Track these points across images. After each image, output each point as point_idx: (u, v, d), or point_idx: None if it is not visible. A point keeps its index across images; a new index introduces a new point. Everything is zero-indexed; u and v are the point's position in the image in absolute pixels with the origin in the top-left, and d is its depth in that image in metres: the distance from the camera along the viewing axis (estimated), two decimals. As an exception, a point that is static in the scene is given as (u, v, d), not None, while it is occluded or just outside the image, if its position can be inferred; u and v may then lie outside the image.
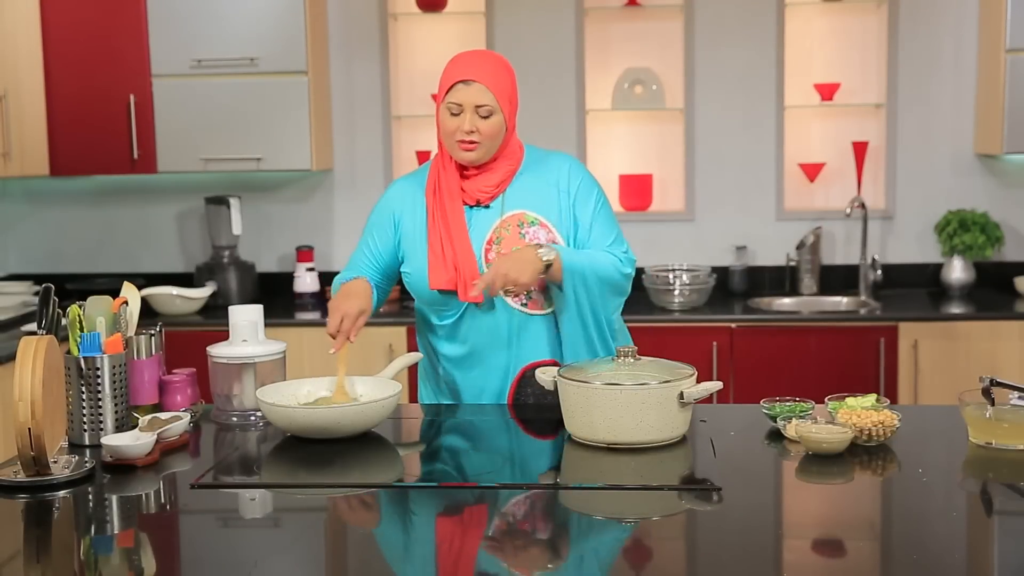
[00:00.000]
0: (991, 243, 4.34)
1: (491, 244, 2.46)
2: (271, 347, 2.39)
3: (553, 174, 2.53)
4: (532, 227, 2.47)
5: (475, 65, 2.43)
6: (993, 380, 2.12)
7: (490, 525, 1.83)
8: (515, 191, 2.50)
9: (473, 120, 2.40)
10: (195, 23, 4.30)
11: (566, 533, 1.79)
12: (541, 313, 2.48)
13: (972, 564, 1.64)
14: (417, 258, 2.50)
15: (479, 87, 2.40)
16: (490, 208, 2.49)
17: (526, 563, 1.66)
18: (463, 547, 1.74)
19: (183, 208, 4.78)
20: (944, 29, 4.46)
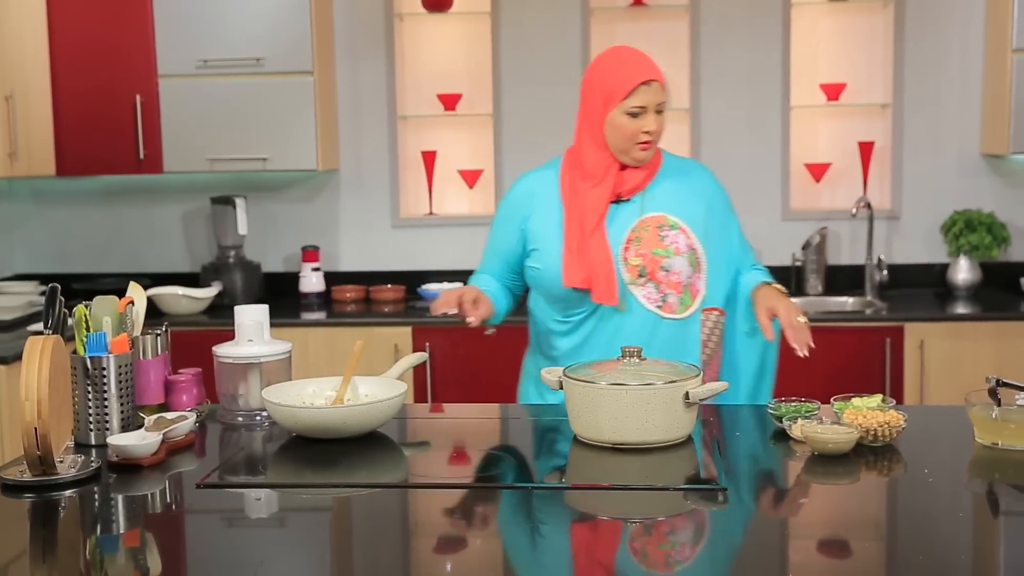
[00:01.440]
0: (997, 243, 4.33)
1: (630, 243, 2.45)
2: (277, 347, 2.39)
3: (696, 182, 2.54)
4: (672, 231, 2.46)
5: (648, 64, 2.44)
6: (999, 380, 2.12)
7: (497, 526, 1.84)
8: (656, 192, 2.49)
9: (654, 119, 2.43)
10: (201, 23, 4.31)
11: (570, 533, 1.79)
12: (673, 317, 2.46)
13: (978, 565, 1.63)
14: (548, 254, 2.47)
15: (657, 86, 2.42)
16: (630, 203, 2.48)
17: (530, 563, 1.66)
18: (468, 548, 1.74)
19: (189, 208, 4.79)
20: (950, 29, 4.45)
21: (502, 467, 2.13)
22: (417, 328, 4.16)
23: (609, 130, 2.44)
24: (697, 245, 2.47)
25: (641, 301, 2.44)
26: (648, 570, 1.64)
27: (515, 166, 4.64)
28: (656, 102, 2.41)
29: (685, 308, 2.46)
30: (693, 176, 2.56)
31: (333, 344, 4.15)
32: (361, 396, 2.34)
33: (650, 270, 2.43)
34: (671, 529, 1.79)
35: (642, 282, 2.43)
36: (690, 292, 2.47)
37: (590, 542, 1.77)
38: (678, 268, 2.44)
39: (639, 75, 2.40)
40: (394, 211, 4.70)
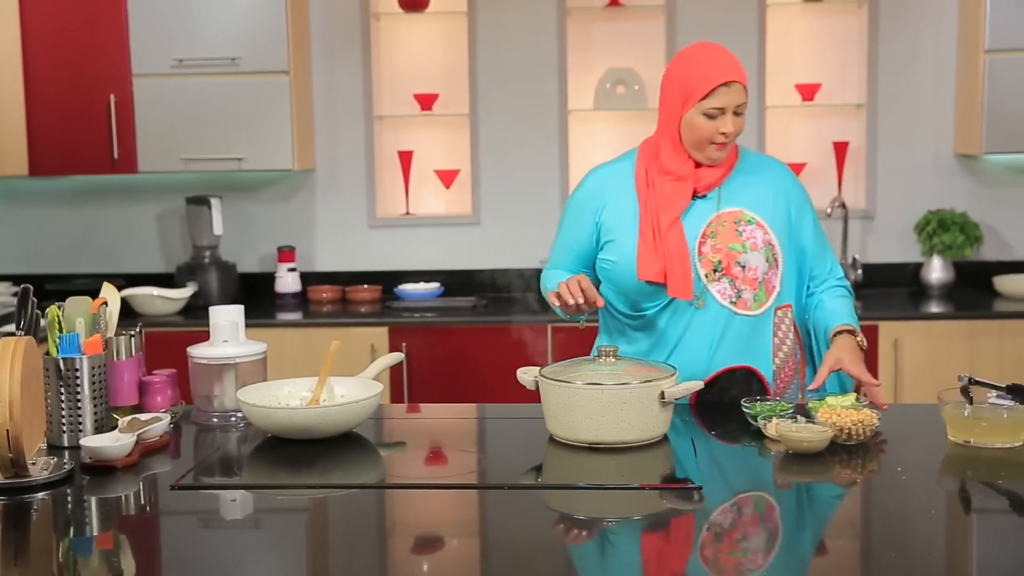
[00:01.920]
0: (970, 243, 4.37)
1: (705, 238, 2.40)
2: (252, 348, 2.38)
3: (772, 178, 2.49)
4: (749, 226, 2.42)
5: (730, 65, 2.37)
6: (971, 379, 2.14)
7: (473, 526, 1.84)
8: (732, 187, 2.45)
9: (734, 121, 2.36)
10: (176, 22, 4.29)
11: (547, 533, 1.79)
12: (747, 314, 2.41)
13: (951, 562, 1.65)
14: (624, 247, 2.42)
15: (738, 87, 2.36)
16: (706, 199, 2.44)
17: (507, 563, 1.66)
18: (445, 549, 1.74)
19: (164, 208, 4.76)
20: (924, 30, 4.48)
21: (478, 467, 2.13)
22: (393, 328, 4.16)
23: (686, 129, 2.39)
24: (774, 240, 2.43)
25: (715, 296, 2.39)
26: (622, 569, 1.64)
27: (492, 166, 4.64)
28: (736, 104, 2.35)
29: (760, 305, 2.41)
30: (770, 172, 2.50)
31: (309, 345, 4.13)
32: (337, 397, 2.34)
33: (726, 265, 2.38)
34: (646, 528, 1.80)
35: (717, 277, 2.39)
36: (765, 289, 2.42)
37: (566, 542, 1.77)
38: (754, 264, 2.39)
39: (719, 76, 2.34)
40: (370, 211, 4.69)
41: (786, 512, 1.87)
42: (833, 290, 2.52)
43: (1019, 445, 2.08)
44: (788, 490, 1.96)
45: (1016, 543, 1.67)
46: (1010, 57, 4.12)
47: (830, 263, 2.56)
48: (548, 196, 4.63)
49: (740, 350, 2.41)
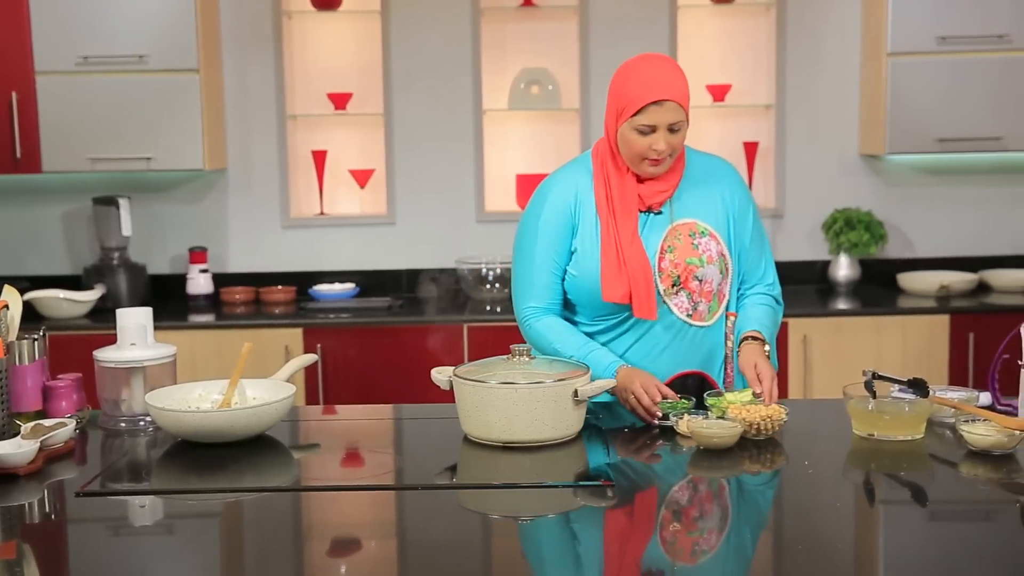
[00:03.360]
0: (875, 241, 4.48)
1: (664, 252, 2.38)
2: (160, 351, 2.34)
3: (717, 182, 2.48)
4: (704, 238, 2.41)
5: (666, 82, 2.32)
6: (875, 373, 2.19)
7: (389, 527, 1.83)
8: (684, 198, 2.43)
9: (665, 138, 2.32)
10: (81, 19, 4.19)
11: (462, 533, 1.79)
12: (700, 325, 2.42)
13: (857, 552, 1.69)
14: (587, 263, 2.39)
15: (672, 105, 2.31)
16: (661, 214, 2.42)
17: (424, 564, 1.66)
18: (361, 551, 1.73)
19: (70, 209, 4.65)
20: (829, 32, 4.58)
21: (394, 468, 2.12)
22: (308, 330, 4.12)
23: (621, 142, 2.37)
24: (726, 251, 2.44)
25: (673, 310, 2.40)
26: (536, 567, 1.65)
27: (406, 166, 4.62)
28: (668, 122, 2.31)
29: (712, 315, 2.43)
30: (715, 176, 2.49)
31: (222, 347, 4.08)
32: (249, 399, 2.31)
33: (684, 279, 2.39)
34: (562, 525, 1.81)
35: (675, 291, 2.39)
36: (718, 299, 2.44)
37: (482, 541, 1.77)
38: (711, 277, 2.40)
39: (651, 94, 2.30)
40: (284, 211, 4.64)
41: (697, 506, 1.90)
42: (759, 297, 2.53)
43: (920, 438, 2.14)
44: (699, 484, 1.99)
45: (918, 532, 1.72)
46: (912, 60, 4.24)
47: (764, 267, 2.55)
48: (463, 196, 4.63)
49: (693, 358, 2.43)
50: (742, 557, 1.68)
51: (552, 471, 2.01)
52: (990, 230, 4.64)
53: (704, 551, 1.70)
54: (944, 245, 4.66)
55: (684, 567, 1.62)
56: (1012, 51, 4.19)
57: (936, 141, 4.26)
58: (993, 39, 4.18)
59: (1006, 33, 4.18)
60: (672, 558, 1.65)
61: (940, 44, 4.20)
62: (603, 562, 1.65)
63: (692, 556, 1.67)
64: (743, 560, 1.67)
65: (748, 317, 2.47)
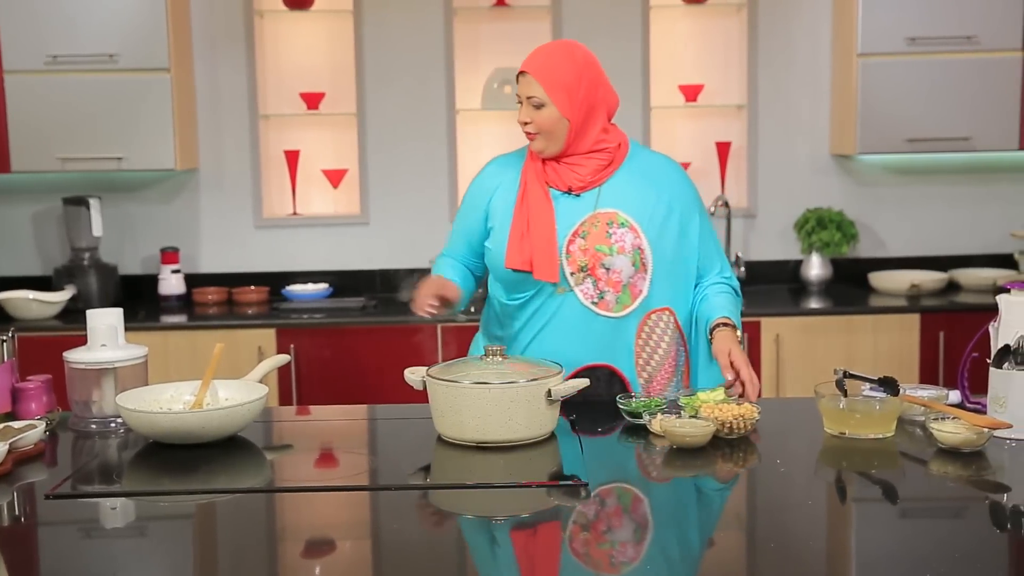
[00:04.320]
0: (846, 240, 4.51)
1: (575, 236, 2.43)
2: (131, 351, 2.33)
3: (659, 180, 2.50)
4: (621, 228, 2.44)
5: (531, 57, 2.44)
6: (846, 372, 2.21)
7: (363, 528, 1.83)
8: (612, 188, 2.47)
9: (528, 111, 2.42)
10: (50, 17, 4.15)
11: (438, 533, 1.79)
12: (607, 315, 2.44)
13: (830, 549, 1.70)
14: (500, 235, 2.48)
15: (528, 78, 2.42)
16: (581, 199, 2.46)
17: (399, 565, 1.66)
18: (336, 552, 1.73)
19: (39, 209, 4.61)
20: (800, 33, 4.61)
21: (368, 469, 2.11)
22: (281, 330, 4.10)
23: None
24: (645, 245, 2.45)
25: (579, 296, 2.43)
26: (513, 568, 1.65)
27: (380, 166, 4.61)
28: (526, 95, 2.42)
29: (623, 307, 2.45)
30: (658, 174, 2.51)
31: (195, 348, 4.05)
32: (221, 400, 2.30)
33: (591, 266, 2.42)
34: (535, 526, 1.81)
35: (582, 278, 2.43)
36: (630, 292, 2.45)
37: (456, 542, 1.77)
38: (619, 267, 2.42)
39: (521, 65, 2.44)
40: (257, 211, 4.62)
41: (671, 505, 1.90)
42: (717, 286, 2.56)
43: (890, 436, 2.16)
44: (672, 484, 1.99)
45: (889, 530, 1.74)
46: (882, 60, 4.27)
47: (719, 264, 2.59)
48: (437, 195, 4.63)
49: (601, 350, 2.46)
50: (716, 555, 1.69)
51: (526, 471, 2.01)
52: (960, 229, 4.69)
53: (677, 550, 1.71)
54: (915, 244, 4.70)
55: (656, 566, 1.63)
56: (981, 52, 4.23)
57: (906, 141, 4.30)
58: (962, 40, 4.22)
59: (975, 34, 4.22)
60: (644, 556, 1.66)
61: (910, 45, 4.24)
62: (577, 561, 1.66)
63: (664, 555, 1.68)
64: (717, 558, 1.68)
65: (714, 305, 2.51)
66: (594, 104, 2.45)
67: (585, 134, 2.45)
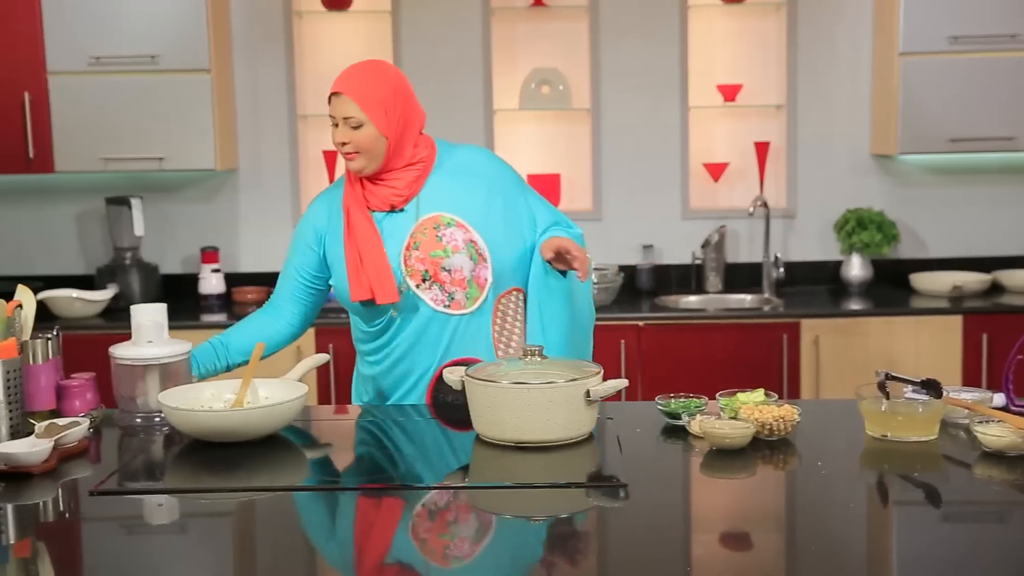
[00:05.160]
0: (887, 241, 4.47)
1: (409, 249, 2.46)
2: (176, 347, 2.35)
3: (471, 171, 2.54)
4: (448, 228, 2.47)
5: (344, 78, 2.47)
6: (888, 374, 2.19)
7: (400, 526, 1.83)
8: (429, 193, 2.50)
9: (345, 132, 2.43)
10: (93, 19, 4.21)
11: (476, 533, 1.79)
12: (462, 313, 2.48)
13: (871, 553, 1.68)
14: (339, 271, 2.52)
15: (344, 99, 2.43)
16: (404, 212, 2.49)
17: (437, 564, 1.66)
18: (373, 550, 1.74)
19: (83, 209, 4.67)
20: (841, 33, 4.57)
21: (406, 468, 2.12)
22: (320, 329, 4.12)
23: None
24: (476, 237, 2.48)
25: (429, 303, 2.47)
26: (552, 568, 1.65)
27: (417, 166, 4.62)
28: (342, 115, 2.43)
29: (473, 301, 2.49)
30: (468, 166, 2.55)
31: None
32: (261, 399, 2.31)
33: (433, 272, 2.46)
34: (576, 526, 1.81)
35: (427, 286, 2.47)
36: (476, 285, 2.48)
37: (494, 541, 1.77)
38: (459, 265, 2.46)
39: (333, 86, 2.46)
40: (295, 210, 4.65)
41: (710, 507, 1.89)
42: (553, 228, 2.58)
43: (934, 439, 2.14)
44: (712, 485, 1.98)
45: (932, 534, 1.72)
46: (923, 60, 4.22)
47: (555, 217, 2.61)
48: (474, 196, 4.63)
49: (466, 347, 2.50)
50: (757, 558, 1.68)
51: (565, 471, 2.00)
52: (1003, 230, 4.63)
53: (720, 551, 1.70)
54: (957, 245, 4.64)
55: (701, 568, 1.62)
56: (1025, 51, 4.17)
57: (948, 141, 4.25)
58: (1005, 39, 4.17)
59: (1018, 32, 4.17)
60: (688, 558, 1.65)
61: (952, 44, 4.19)
62: (616, 562, 1.65)
63: (707, 557, 1.67)
64: (758, 561, 1.67)
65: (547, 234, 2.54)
66: (409, 120, 2.49)
67: (402, 149, 2.48)
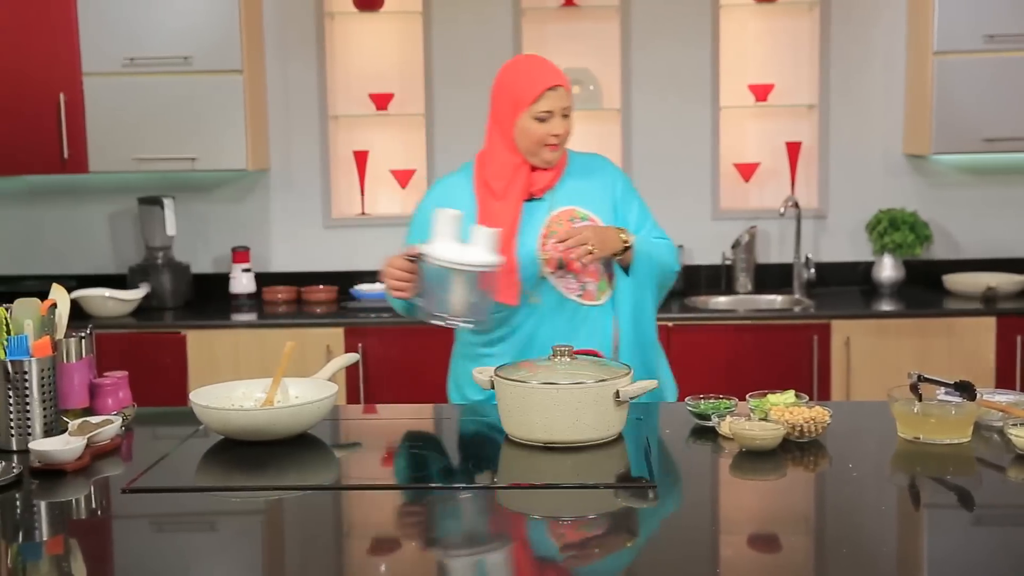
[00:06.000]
0: (920, 242, 4.43)
1: (546, 237, 2.51)
2: (487, 257, 2.32)
3: (600, 174, 2.63)
4: (583, 222, 2.53)
5: (553, 70, 2.52)
6: (920, 376, 2.17)
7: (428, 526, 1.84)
8: (565, 188, 2.57)
9: (562, 123, 2.51)
10: (127, 21, 4.24)
11: (505, 533, 1.79)
12: (593, 304, 2.53)
13: (902, 556, 1.67)
14: None
15: (563, 91, 2.51)
16: (542, 200, 2.55)
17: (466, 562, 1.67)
18: (400, 549, 1.74)
19: (115, 208, 4.71)
20: (874, 32, 4.54)
21: (435, 468, 2.12)
22: (349, 329, 4.14)
23: (519, 134, 2.52)
24: None
25: (561, 291, 2.51)
26: (582, 567, 1.65)
27: (447, 166, 4.62)
28: (562, 106, 2.50)
29: (602, 294, 2.54)
30: (597, 170, 2.64)
31: (264, 346, 4.10)
32: (291, 398, 2.32)
33: (568, 262, 2.49)
34: (604, 526, 1.81)
35: (561, 274, 2.51)
36: (607, 280, 2.55)
37: (523, 541, 1.77)
38: None
39: (545, 81, 2.49)
40: (326, 211, 4.67)
41: (740, 508, 1.88)
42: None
43: (966, 441, 2.12)
44: (741, 486, 1.97)
45: (964, 537, 1.70)
46: (958, 59, 4.18)
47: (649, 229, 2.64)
48: (504, 196, 4.63)
49: (590, 338, 2.51)
50: (786, 560, 1.67)
51: (593, 472, 2.00)
52: (1038, 231, 4.58)
53: (749, 552, 1.69)
54: (990, 246, 4.59)
55: (729, 569, 1.61)
56: (1061, 49, 4.12)
57: (982, 141, 4.21)
58: (1042, 37, 4.12)
59: (1055, 31, 4.12)
60: (716, 559, 1.64)
61: (987, 43, 4.15)
62: (644, 563, 1.65)
63: (736, 558, 1.66)
64: (788, 563, 1.66)
65: None
66: None
67: None
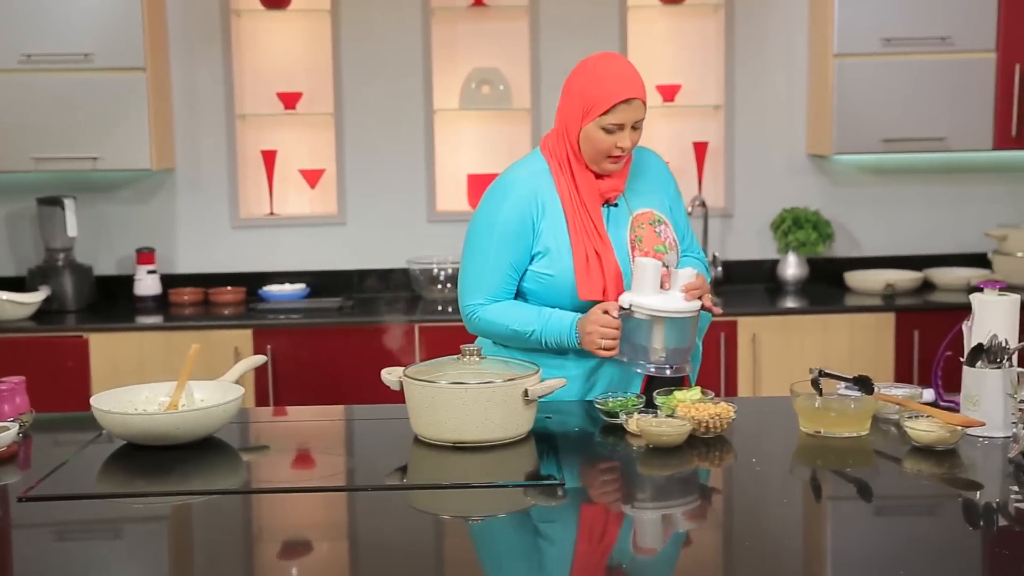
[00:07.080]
0: (822, 240, 4.54)
1: (634, 243, 2.43)
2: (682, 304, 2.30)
3: (655, 173, 2.55)
4: (661, 225, 2.48)
5: (633, 81, 2.37)
6: (821, 371, 2.22)
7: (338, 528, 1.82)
8: (634, 190, 2.49)
9: (631, 136, 2.37)
10: (24, 16, 4.12)
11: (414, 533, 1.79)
12: None
13: (806, 547, 1.71)
14: (561, 261, 2.39)
15: (638, 103, 2.37)
16: (618, 207, 2.46)
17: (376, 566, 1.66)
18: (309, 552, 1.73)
19: (13, 209, 4.58)
20: (777, 34, 4.63)
21: (345, 469, 2.11)
22: (258, 331, 4.09)
23: (584, 140, 2.39)
24: (675, 237, 2.51)
25: None
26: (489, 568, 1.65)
27: (357, 166, 4.60)
28: (634, 119, 2.36)
29: None
30: (653, 168, 2.56)
31: (170, 349, 4.03)
32: (197, 401, 2.29)
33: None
34: (514, 525, 1.81)
35: None
36: None
37: (433, 542, 1.77)
38: (672, 262, 2.45)
39: (621, 92, 2.34)
40: (233, 211, 4.60)
41: (646, 504, 1.91)
42: (687, 258, 2.60)
43: (865, 434, 2.17)
44: (648, 483, 2.00)
45: (865, 528, 1.75)
46: (857, 61, 4.29)
47: (695, 244, 2.65)
48: (414, 195, 4.62)
49: None
50: (692, 553, 1.70)
51: (503, 471, 2.01)
52: (934, 229, 4.72)
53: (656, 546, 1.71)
54: (890, 244, 4.72)
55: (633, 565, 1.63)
56: (955, 53, 4.26)
57: (882, 141, 4.32)
58: (937, 41, 4.25)
59: (949, 35, 4.25)
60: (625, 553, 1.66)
61: (885, 46, 4.26)
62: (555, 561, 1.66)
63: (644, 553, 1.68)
64: (693, 556, 1.69)
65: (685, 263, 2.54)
66: None
67: None
